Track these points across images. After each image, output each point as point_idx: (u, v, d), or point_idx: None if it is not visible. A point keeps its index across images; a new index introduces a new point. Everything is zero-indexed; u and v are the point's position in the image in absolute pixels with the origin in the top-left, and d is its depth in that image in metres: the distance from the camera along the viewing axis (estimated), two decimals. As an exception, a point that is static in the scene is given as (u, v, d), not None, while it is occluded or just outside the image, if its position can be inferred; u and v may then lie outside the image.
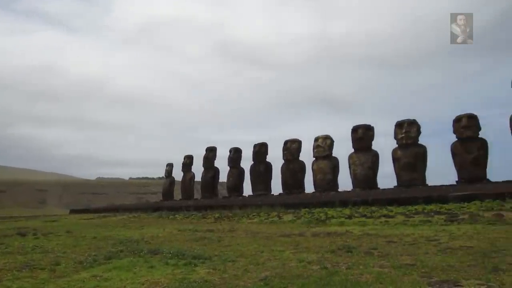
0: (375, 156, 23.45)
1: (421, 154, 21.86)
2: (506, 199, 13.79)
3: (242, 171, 29.72)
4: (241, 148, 30.55)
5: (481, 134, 20.66)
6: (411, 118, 22.55)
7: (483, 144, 20.36)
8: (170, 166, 35.97)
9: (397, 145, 22.53)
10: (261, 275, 6.00)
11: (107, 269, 7.07)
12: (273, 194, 27.29)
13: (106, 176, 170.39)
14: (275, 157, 28.48)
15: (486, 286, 4.58)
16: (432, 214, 13.21)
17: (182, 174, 34.28)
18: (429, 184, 21.34)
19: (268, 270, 6.30)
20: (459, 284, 4.73)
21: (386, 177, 25.74)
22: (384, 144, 25.94)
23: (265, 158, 28.61)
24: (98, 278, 6.45)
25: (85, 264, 7.72)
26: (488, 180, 19.76)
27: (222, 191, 36.50)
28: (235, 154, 30.11)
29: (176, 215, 21.59)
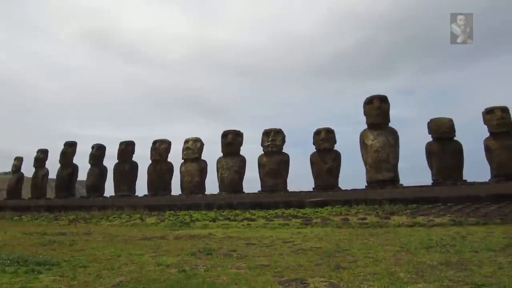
0: (243, 161, 24.31)
1: (284, 162, 23.38)
2: (352, 205, 15.58)
3: (104, 170, 27.89)
4: (104, 145, 28.71)
5: (336, 147, 23.07)
6: (278, 127, 24.05)
7: (337, 155, 22.71)
8: (18, 160, 31.89)
9: (263, 152, 23.72)
10: (115, 280, 5.61)
11: None
12: (137, 195, 26.25)
13: None
14: (142, 157, 27.48)
15: (328, 282, 5.00)
16: (290, 218, 14.16)
17: (33, 170, 30.70)
18: (290, 190, 22.91)
19: (123, 275, 5.93)
20: (305, 281, 5.08)
21: (252, 181, 26.92)
22: (251, 150, 27.10)
23: (131, 157, 27.37)
24: None
25: None
26: (339, 188, 22.06)
27: (81, 191, 33.81)
28: (98, 151, 28.13)
29: (23, 216, 19.31)
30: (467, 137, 22.47)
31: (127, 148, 27.29)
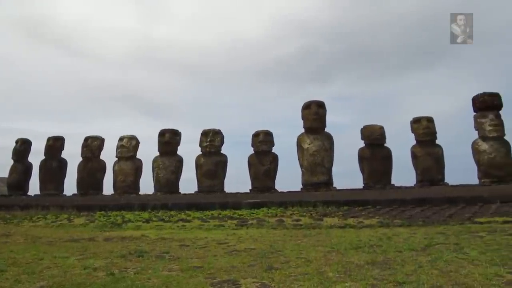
0: (180, 161, 23.96)
1: (222, 163, 23.37)
2: (288, 207, 15.88)
3: (29, 166, 26.07)
4: (30, 140, 26.83)
5: (274, 149, 23.43)
6: (217, 128, 23.95)
7: (275, 158, 23.14)
8: None
9: (201, 152, 23.53)
10: (35, 285, 5.25)
11: None
12: (65, 195, 24.85)
13: None
14: (72, 154, 26.09)
15: (260, 283, 5.04)
16: (226, 219, 14.12)
17: None
18: (227, 191, 22.91)
19: (45, 280, 5.55)
20: (237, 283, 5.09)
21: (188, 182, 26.52)
22: (189, 150, 26.76)
23: (60, 153, 25.84)
24: None
25: None
26: (275, 189, 22.44)
27: (2, 189, 31.33)
28: (22, 146, 26.24)
29: None
30: (396, 144, 23.93)
31: (55, 144, 25.71)
